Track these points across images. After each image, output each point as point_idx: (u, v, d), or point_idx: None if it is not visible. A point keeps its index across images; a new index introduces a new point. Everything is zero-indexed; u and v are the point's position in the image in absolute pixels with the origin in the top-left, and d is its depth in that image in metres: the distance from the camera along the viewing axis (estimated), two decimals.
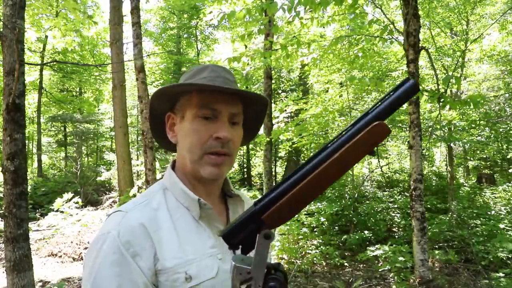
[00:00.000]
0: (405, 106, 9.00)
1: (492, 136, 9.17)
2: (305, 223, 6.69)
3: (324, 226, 6.93)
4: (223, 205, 0.95)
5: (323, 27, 5.51)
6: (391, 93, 0.60)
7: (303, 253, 5.95)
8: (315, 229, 6.79)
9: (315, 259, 5.74)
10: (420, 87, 4.38)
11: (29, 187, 4.31)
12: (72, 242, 6.82)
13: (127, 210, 0.82)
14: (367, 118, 0.59)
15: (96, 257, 0.75)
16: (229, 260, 0.74)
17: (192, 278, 0.78)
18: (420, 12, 5.43)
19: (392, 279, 5.00)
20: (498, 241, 5.41)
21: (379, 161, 10.20)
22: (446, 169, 10.49)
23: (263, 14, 3.96)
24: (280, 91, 15.42)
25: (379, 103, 0.60)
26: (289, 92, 14.85)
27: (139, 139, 15.90)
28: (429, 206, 7.80)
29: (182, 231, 0.82)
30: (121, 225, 0.78)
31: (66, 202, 8.75)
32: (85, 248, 6.58)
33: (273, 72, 10.01)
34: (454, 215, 6.82)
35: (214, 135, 0.83)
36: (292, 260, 5.68)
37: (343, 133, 0.61)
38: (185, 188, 0.87)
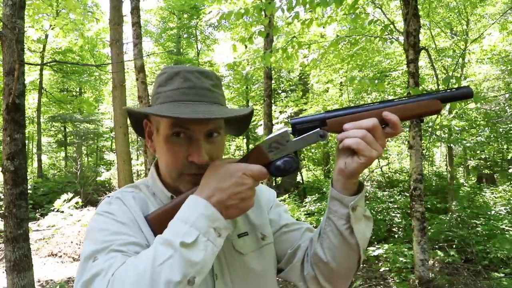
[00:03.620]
0: None
1: (492, 136, 9.16)
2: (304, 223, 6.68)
3: None
4: None
5: (323, 27, 5.51)
6: (452, 89, 0.79)
7: None
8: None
9: None
10: (420, 88, 4.38)
11: (29, 187, 4.30)
12: (72, 242, 6.82)
13: (117, 194, 0.89)
14: (432, 95, 0.78)
15: (101, 207, 0.84)
16: None
17: None
18: (420, 12, 5.43)
19: (392, 279, 5.00)
20: (498, 241, 5.41)
21: (379, 161, 10.20)
22: (446, 169, 10.49)
23: (262, 14, 3.97)
24: (280, 91, 15.41)
25: (443, 90, 0.79)
26: (289, 92, 14.85)
27: (139, 139, 15.90)
28: (429, 206, 7.79)
29: None
30: (120, 195, 0.87)
31: (66, 202, 8.76)
32: None
33: (273, 72, 10.01)
34: (454, 215, 6.82)
35: (189, 158, 0.81)
36: None
37: (409, 97, 0.79)
38: (161, 185, 0.90)
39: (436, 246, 6.05)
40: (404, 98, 0.79)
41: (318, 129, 0.79)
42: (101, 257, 0.70)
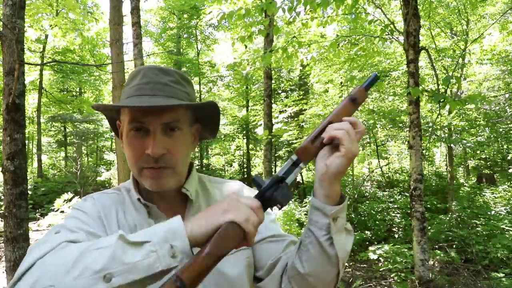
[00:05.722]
0: (405, 106, 9.00)
1: (492, 136, 9.16)
2: (304, 223, 6.69)
3: None
4: (184, 204, 0.93)
5: (323, 27, 5.51)
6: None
7: None
8: None
9: None
10: (420, 87, 4.38)
11: (29, 187, 4.30)
12: None
13: (92, 194, 0.94)
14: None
15: (77, 204, 0.91)
16: None
17: None
18: (420, 12, 5.43)
19: (392, 279, 5.00)
20: (498, 241, 5.41)
21: (379, 161, 10.20)
22: (446, 169, 10.49)
23: (263, 14, 3.97)
24: (280, 91, 15.41)
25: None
26: (289, 92, 14.85)
27: None
28: (429, 206, 7.80)
29: (131, 226, 0.87)
30: (96, 196, 0.93)
31: (66, 202, 8.75)
32: None
33: (273, 72, 10.01)
34: (454, 215, 6.82)
35: (145, 151, 0.82)
36: None
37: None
38: (132, 188, 0.92)
39: (436, 246, 6.06)
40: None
41: (292, 156, 0.79)
42: (62, 231, 0.75)
